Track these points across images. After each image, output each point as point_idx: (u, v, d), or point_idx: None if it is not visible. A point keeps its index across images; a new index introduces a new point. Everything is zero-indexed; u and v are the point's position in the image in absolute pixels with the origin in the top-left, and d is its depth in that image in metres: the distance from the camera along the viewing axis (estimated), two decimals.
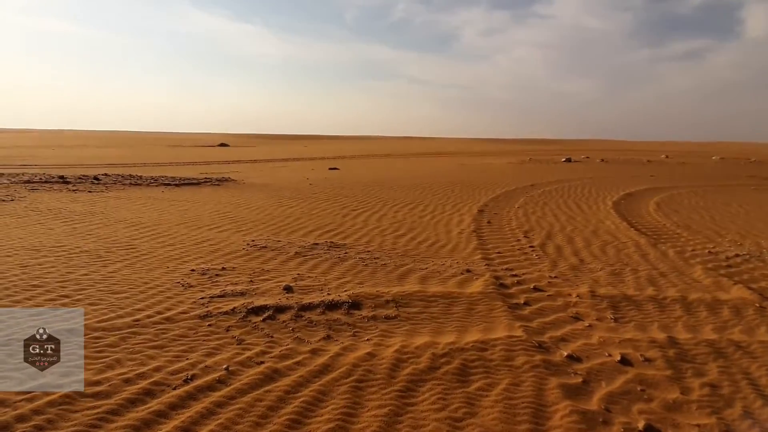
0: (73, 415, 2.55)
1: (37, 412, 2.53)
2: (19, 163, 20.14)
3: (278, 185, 12.85)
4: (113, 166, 19.11)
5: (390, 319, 4.03)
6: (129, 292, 4.38)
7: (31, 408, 2.57)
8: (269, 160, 26.09)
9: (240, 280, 4.81)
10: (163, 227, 7.16)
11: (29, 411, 2.55)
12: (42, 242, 6.07)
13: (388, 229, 7.47)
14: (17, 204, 8.74)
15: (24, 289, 4.37)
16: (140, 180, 12.80)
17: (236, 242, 6.34)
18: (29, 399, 2.65)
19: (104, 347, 3.32)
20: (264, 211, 8.78)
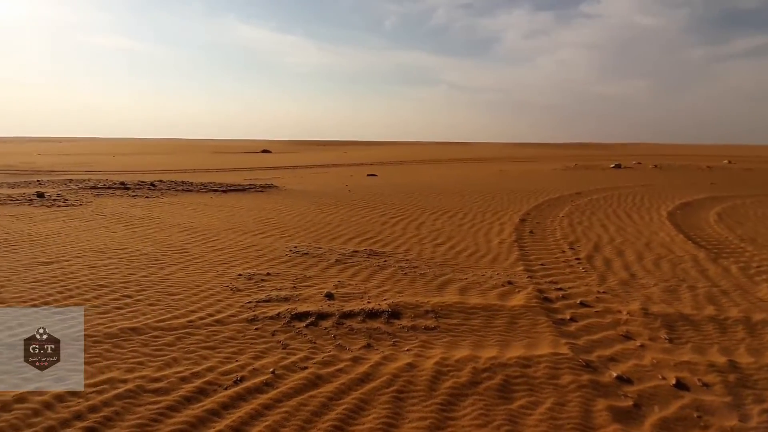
0: (137, 408, 2.76)
1: (107, 404, 2.77)
2: (85, 169, 22.00)
3: (318, 192, 13.19)
4: (166, 173, 20.41)
5: (430, 330, 4.03)
6: (183, 294, 4.67)
7: (101, 400, 2.81)
8: (309, 166, 26.83)
9: (284, 286, 4.99)
10: (213, 232, 7.57)
11: (99, 402, 2.79)
12: (107, 245, 6.61)
13: (427, 238, 7.46)
14: (85, 208, 9.55)
15: (92, 289, 4.78)
16: (191, 186, 13.59)
17: (280, 248, 6.59)
18: (100, 391, 2.90)
19: (162, 346, 3.57)
20: (305, 217, 9.05)
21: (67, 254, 6.03)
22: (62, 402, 2.79)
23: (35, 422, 2.60)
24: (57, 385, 2.93)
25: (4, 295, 4.53)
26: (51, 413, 2.68)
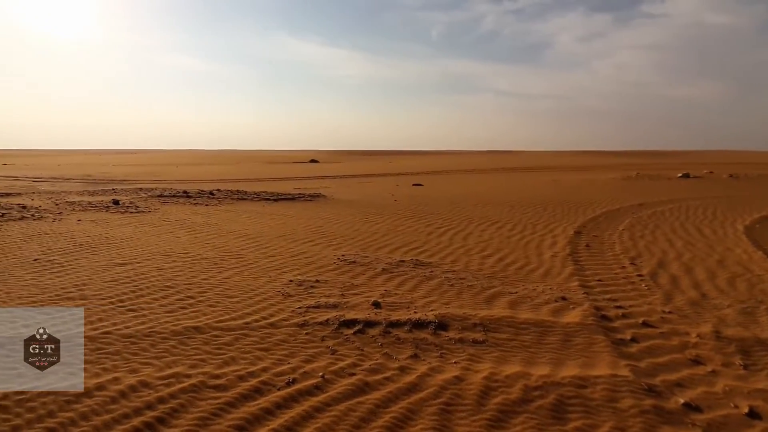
0: (200, 402, 2.96)
1: (173, 397, 3.00)
2: (153, 178, 23.99)
3: (365, 201, 13.42)
4: (223, 182, 21.75)
5: (478, 344, 3.95)
6: (239, 297, 4.95)
7: (168, 392, 3.05)
8: (356, 175, 27.41)
9: (332, 293, 5.12)
10: (265, 239, 7.94)
11: (167, 395, 3.02)
12: (172, 249, 7.15)
13: (474, 249, 7.34)
14: (153, 215, 10.41)
15: (160, 289, 5.19)
16: (245, 195, 14.36)
17: (328, 256, 6.78)
18: (167, 384, 3.14)
19: (222, 345, 3.80)
20: (352, 226, 9.24)
21: (138, 257, 6.60)
22: (135, 392, 3.05)
23: (113, 408, 2.87)
24: (132, 377, 3.22)
25: (86, 292, 5.04)
26: (126, 401, 2.95)
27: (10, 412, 2.81)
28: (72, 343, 3.73)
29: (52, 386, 3.05)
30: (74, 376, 3.20)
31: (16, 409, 2.84)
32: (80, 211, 10.61)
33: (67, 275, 5.67)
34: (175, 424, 2.75)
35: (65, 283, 5.34)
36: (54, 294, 4.97)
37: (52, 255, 6.57)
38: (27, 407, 2.86)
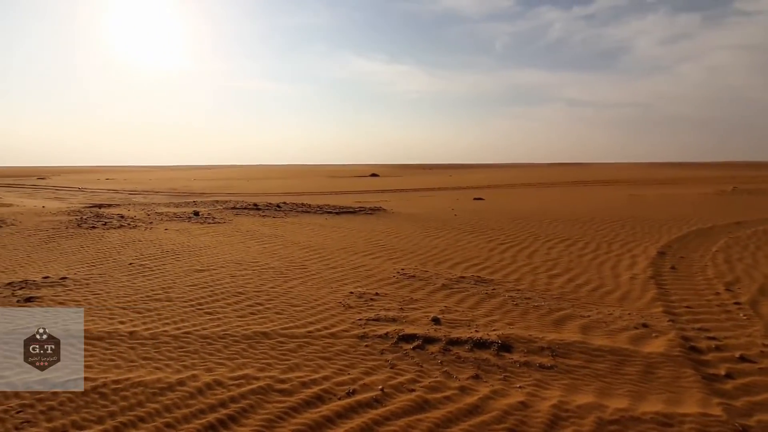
0: (267, 404, 3.11)
1: (244, 397, 3.18)
2: (227, 192, 26.02)
3: (424, 215, 13.39)
4: (289, 195, 22.96)
5: (545, 369, 3.71)
6: (303, 306, 5.15)
7: (239, 393, 3.24)
8: (416, 189, 27.49)
9: (392, 307, 5.14)
10: (327, 251, 8.21)
11: (238, 395, 3.21)
12: (243, 258, 7.65)
13: (541, 267, 6.96)
14: (227, 226, 11.25)
15: (233, 295, 5.57)
16: (309, 208, 15.02)
17: (387, 270, 6.83)
18: (238, 384, 3.35)
19: (287, 351, 3.97)
20: (412, 240, 9.24)
21: (214, 264, 7.16)
22: (210, 389, 3.29)
23: (191, 403, 3.11)
24: (207, 375, 3.47)
25: (171, 295, 5.56)
26: (202, 398, 3.18)
27: (107, 399, 3.17)
28: (158, 340, 4.14)
29: (142, 378, 3.39)
30: (160, 371, 3.54)
31: (112, 397, 3.19)
32: (167, 221, 11.79)
33: (156, 279, 6.30)
34: (245, 423, 2.91)
35: (154, 286, 5.94)
36: (144, 295, 5.54)
37: (144, 260, 7.36)
38: (121, 396, 3.21)
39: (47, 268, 6.86)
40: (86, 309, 5.02)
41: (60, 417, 2.95)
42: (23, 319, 4.72)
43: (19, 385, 3.31)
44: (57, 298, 5.42)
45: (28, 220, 11.67)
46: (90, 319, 4.69)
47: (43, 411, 3.01)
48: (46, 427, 2.85)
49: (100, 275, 6.44)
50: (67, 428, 2.84)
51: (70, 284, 5.97)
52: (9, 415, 2.97)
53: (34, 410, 3.02)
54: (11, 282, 6.01)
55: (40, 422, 2.90)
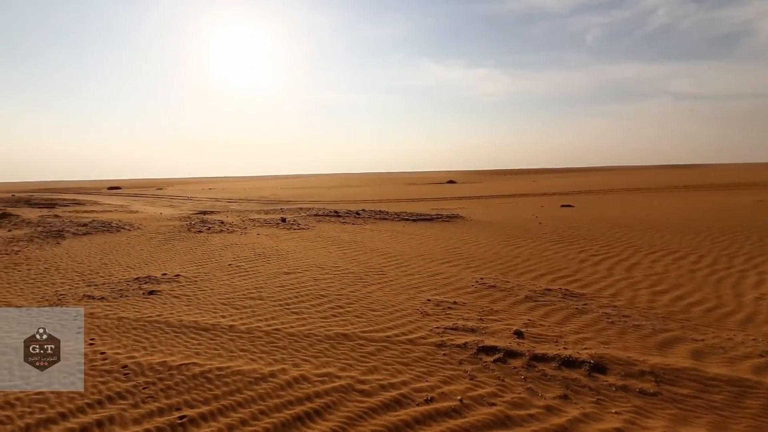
0: (348, 403, 3.24)
1: (327, 393, 3.35)
2: (310, 199, 27.64)
3: (505, 223, 12.85)
4: (367, 202, 23.65)
5: (647, 395, 3.32)
6: (381, 311, 5.26)
7: (323, 389, 3.41)
8: (495, 196, 26.51)
9: (470, 317, 5.01)
10: (405, 258, 8.29)
11: (321, 391, 3.39)
12: (325, 262, 8.07)
13: (643, 283, 6.25)
14: (310, 232, 11.96)
15: (315, 297, 5.90)
16: (387, 215, 15.32)
17: (466, 278, 6.68)
18: (322, 381, 3.53)
19: (366, 354, 4.09)
20: (491, 249, 8.93)
21: (299, 267, 7.66)
22: (297, 383, 3.52)
23: (281, 394, 3.36)
24: (295, 370, 3.72)
25: (262, 294, 6.07)
26: (291, 390, 3.42)
27: (212, 384, 3.56)
28: (253, 335, 4.55)
29: (240, 368, 3.75)
30: (255, 362, 3.89)
31: (216, 382, 3.58)
32: (258, 227, 12.92)
33: (250, 279, 6.94)
34: (328, 419, 3.06)
35: (248, 285, 6.54)
36: (241, 293, 6.13)
37: (240, 261, 8.15)
38: (223, 381, 3.58)
39: (165, 266, 7.94)
40: (195, 303, 5.72)
41: (175, 395, 3.39)
42: (147, 309, 5.52)
43: (144, 366, 3.88)
44: (173, 292, 6.24)
45: (149, 224, 13.65)
46: (197, 312, 5.33)
47: (162, 389, 3.49)
48: (165, 402, 3.29)
49: (205, 274, 7.28)
50: (181, 405, 3.25)
51: (182, 281, 6.84)
52: (138, 390, 3.49)
53: (156, 388, 3.51)
54: (138, 277, 7.07)
55: (160, 398, 3.36)
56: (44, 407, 3.27)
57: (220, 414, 3.15)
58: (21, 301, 5.98)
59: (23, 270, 7.76)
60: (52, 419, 3.12)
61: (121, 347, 4.31)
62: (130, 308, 5.53)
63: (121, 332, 4.72)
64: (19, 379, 3.68)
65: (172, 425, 3.02)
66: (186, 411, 3.17)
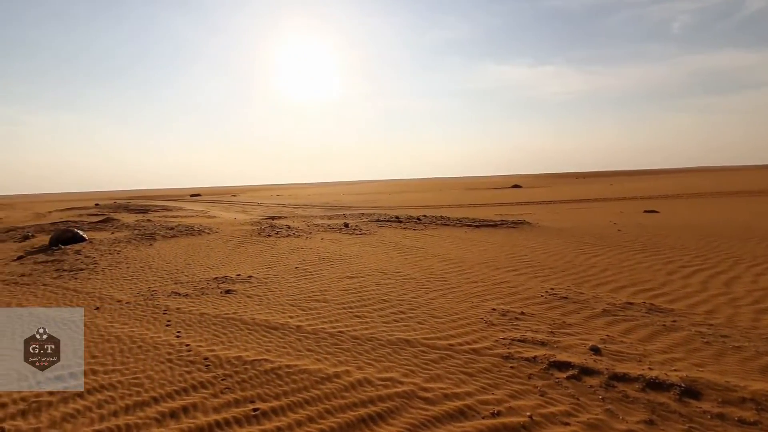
0: (411, 409, 3.21)
1: (389, 398, 3.35)
2: (371, 205, 28.11)
3: (577, 229, 12.02)
4: (427, 208, 23.51)
5: (746, 425, 2.89)
6: (444, 319, 5.16)
7: (386, 393, 3.42)
8: (565, 201, 24.94)
9: (540, 329, 4.73)
10: (467, 264, 8.08)
11: (384, 395, 3.40)
12: (387, 267, 8.13)
13: (745, 299, 5.47)
14: (372, 237, 12.14)
15: (378, 302, 5.96)
16: (448, 221, 15.10)
17: (534, 288, 6.33)
18: (385, 385, 3.55)
19: (428, 361, 4.03)
20: (563, 257, 8.39)
21: (362, 272, 7.80)
22: (361, 386, 3.57)
23: (345, 395, 3.43)
24: (358, 372, 3.77)
25: (327, 297, 6.27)
26: (354, 392, 3.47)
27: (282, 380, 3.74)
28: (318, 336, 4.70)
29: (307, 367, 3.90)
30: (321, 362, 4.02)
31: (285, 379, 3.75)
32: (322, 232, 13.40)
33: (315, 282, 7.21)
34: (392, 423, 3.05)
35: (313, 288, 6.79)
36: (306, 295, 6.38)
37: (305, 265, 8.51)
38: (292, 379, 3.74)
39: (239, 267, 8.54)
40: (265, 303, 6.07)
41: (249, 389, 3.61)
42: (225, 306, 5.97)
43: (223, 359, 4.19)
44: (246, 292, 6.69)
45: (225, 228, 14.79)
46: (268, 312, 5.64)
47: (238, 382, 3.73)
48: (240, 394, 3.52)
49: (274, 276, 7.70)
50: (254, 398, 3.46)
51: (254, 282, 7.31)
52: (217, 381, 3.77)
53: (232, 380, 3.77)
54: (216, 277, 7.68)
55: (236, 390, 3.60)
56: (140, 391, 3.66)
57: (290, 410, 3.29)
58: (121, 295, 6.78)
59: (123, 268, 8.81)
60: (146, 402, 3.48)
61: (202, 341, 4.70)
62: (209, 305, 6.02)
63: (202, 327, 5.15)
64: (120, 364, 4.17)
65: (247, 417, 3.22)
66: (259, 404, 3.36)
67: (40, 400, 3.55)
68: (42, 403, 3.51)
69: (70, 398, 3.59)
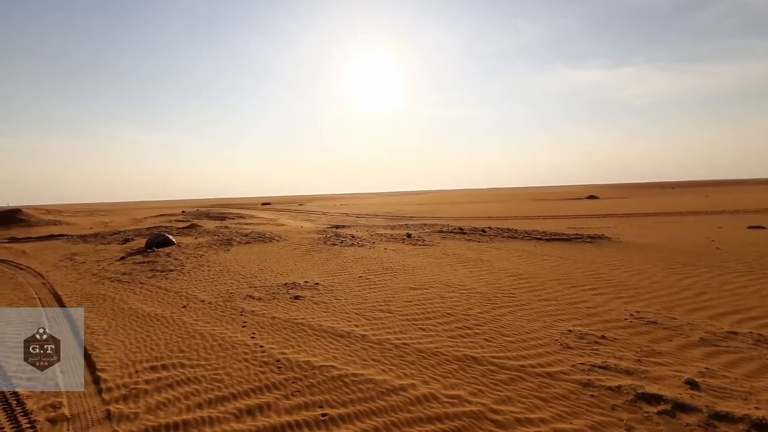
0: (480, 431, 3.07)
1: (457, 417, 3.24)
2: (433, 215, 27.84)
3: (666, 246, 10.83)
4: (491, 219, 22.71)
5: None
6: (514, 338, 4.91)
7: (453, 411, 3.31)
8: (649, 214, 22.64)
9: (624, 356, 4.30)
10: (538, 281, 7.64)
11: (452, 413, 3.30)
12: (451, 280, 7.96)
13: None
14: (435, 248, 11.99)
15: (442, 315, 5.83)
16: (515, 234, 14.44)
17: (616, 310, 5.80)
18: (452, 403, 3.44)
19: (498, 381, 3.85)
20: (649, 277, 7.59)
21: (426, 284, 7.71)
22: (427, 401, 3.49)
23: (411, 410, 3.38)
24: (424, 387, 3.71)
25: (391, 307, 6.28)
26: (420, 407, 3.40)
27: (348, 388, 3.79)
28: (383, 346, 4.71)
29: (373, 377, 3.92)
30: (386, 373, 4.02)
31: (352, 387, 3.80)
32: (385, 242, 13.52)
33: (379, 292, 7.27)
34: None
35: (377, 298, 6.85)
36: (370, 305, 6.45)
37: (369, 275, 8.63)
38: (358, 387, 3.78)
39: (306, 274, 8.90)
40: (331, 310, 6.24)
41: (318, 393, 3.72)
42: (294, 312, 6.24)
43: (293, 362, 4.36)
44: (313, 298, 6.94)
45: (293, 236, 15.55)
46: (334, 319, 5.79)
47: (307, 386, 3.86)
48: (309, 398, 3.64)
49: (339, 284, 7.91)
50: (323, 403, 3.54)
51: (321, 289, 7.56)
52: (288, 383, 3.93)
53: (302, 384, 3.90)
54: (286, 283, 8.08)
55: (306, 394, 3.72)
56: (220, 386, 3.93)
57: (356, 418, 3.32)
58: (204, 296, 7.40)
59: (205, 270, 9.63)
60: (226, 398, 3.73)
61: (274, 343, 4.95)
62: (280, 310, 6.34)
63: (274, 330, 5.43)
64: (204, 360, 4.53)
65: (316, 421, 3.31)
66: (327, 410, 3.44)
67: (138, 388, 3.97)
68: (140, 390, 3.92)
69: (162, 388, 3.96)
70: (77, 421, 3.47)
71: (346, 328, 5.38)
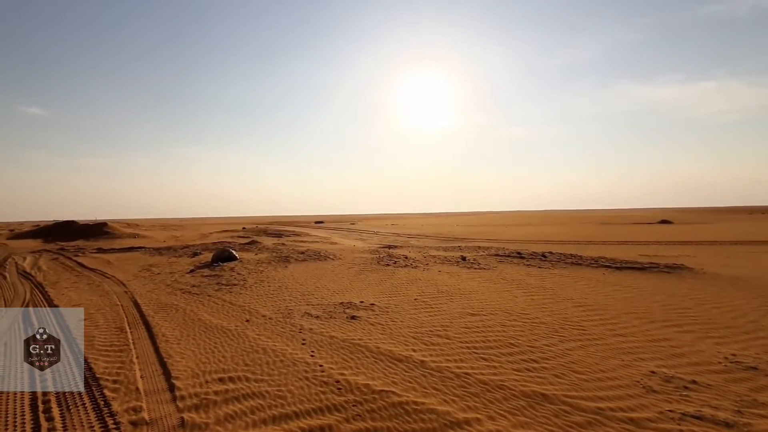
0: None
1: None
2: (486, 238, 26.99)
3: (761, 279, 9.57)
4: (551, 243, 21.51)
5: None
6: (587, 376, 4.51)
7: None
8: (738, 242, 20.25)
9: (721, 405, 3.78)
10: (610, 313, 7.04)
11: None
12: (511, 307, 7.57)
13: None
14: (492, 272, 11.55)
15: (504, 345, 5.53)
16: (580, 260, 13.54)
17: (707, 351, 5.16)
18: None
19: (573, 424, 3.53)
20: (744, 315, 6.71)
21: (484, 310, 7.41)
22: None
23: None
24: (490, 423, 3.49)
25: (449, 333, 6.08)
26: None
27: (410, 417, 3.67)
28: (443, 374, 4.53)
29: (434, 407, 3.77)
30: (448, 404, 3.84)
31: (413, 416, 3.67)
32: (439, 264, 13.28)
33: (435, 316, 7.09)
34: None
35: (434, 322, 6.68)
36: (427, 329, 6.29)
37: (424, 297, 8.47)
38: (420, 417, 3.65)
39: (361, 294, 8.94)
40: (388, 332, 6.17)
41: (379, 420, 3.64)
42: (351, 332, 6.25)
43: (352, 384, 4.33)
44: (369, 319, 6.92)
45: (346, 255, 15.78)
46: (391, 342, 5.71)
47: (368, 411, 3.80)
48: (371, 424, 3.57)
49: (395, 305, 7.83)
50: (384, 430, 3.45)
51: (376, 310, 7.54)
52: (348, 405, 3.90)
53: (362, 408, 3.85)
54: (342, 302, 8.15)
55: (366, 419, 3.66)
56: (283, 403, 3.99)
57: None
58: (265, 311, 7.67)
59: (265, 286, 10.02)
60: (289, 415, 3.77)
61: (333, 363, 4.97)
62: (337, 329, 6.38)
63: (332, 349, 5.46)
64: (267, 375, 4.64)
65: None
66: None
67: (208, 398, 4.14)
68: (210, 401, 4.09)
69: (230, 400, 4.10)
70: (155, 425, 3.68)
71: (404, 352, 5.27)
